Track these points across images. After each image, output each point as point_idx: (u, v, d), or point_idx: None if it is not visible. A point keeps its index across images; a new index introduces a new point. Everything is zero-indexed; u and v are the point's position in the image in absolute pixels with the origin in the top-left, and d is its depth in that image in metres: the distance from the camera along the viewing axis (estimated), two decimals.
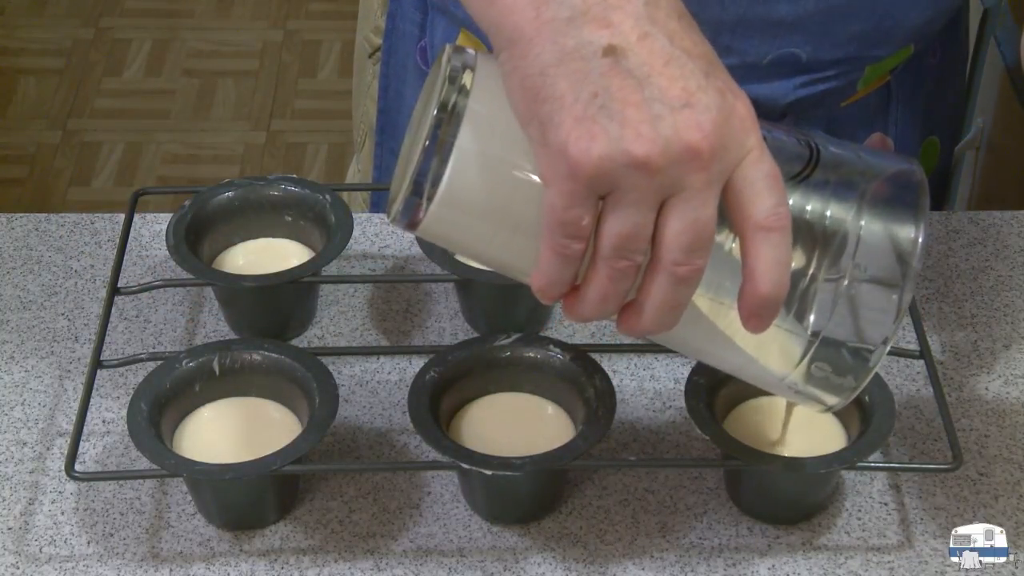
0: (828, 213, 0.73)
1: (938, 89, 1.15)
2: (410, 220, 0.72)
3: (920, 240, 0.73)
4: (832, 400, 0.77)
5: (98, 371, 0.91)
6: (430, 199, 0.71)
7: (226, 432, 0.89)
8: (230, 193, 1.00)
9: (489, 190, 0.71)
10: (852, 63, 1.05)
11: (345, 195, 1.12)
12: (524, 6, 0.69)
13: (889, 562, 0.86)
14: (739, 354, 0.76)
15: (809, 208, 0.73)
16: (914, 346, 0.94)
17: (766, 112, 1.05)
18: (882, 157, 0.78)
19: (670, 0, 0.69)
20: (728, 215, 0.70)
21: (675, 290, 0.70)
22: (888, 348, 0.74)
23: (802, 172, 0.74)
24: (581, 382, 0.89)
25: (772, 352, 0.75)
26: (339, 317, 1.01)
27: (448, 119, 0.70)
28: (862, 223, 0.73)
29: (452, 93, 0.70)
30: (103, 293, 1.01)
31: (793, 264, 0.71)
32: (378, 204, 1.21)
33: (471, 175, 0.71)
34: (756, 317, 0.71)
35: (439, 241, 0.78)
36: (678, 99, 0.67)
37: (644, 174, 0.67)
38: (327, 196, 1.00)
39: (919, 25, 1.05)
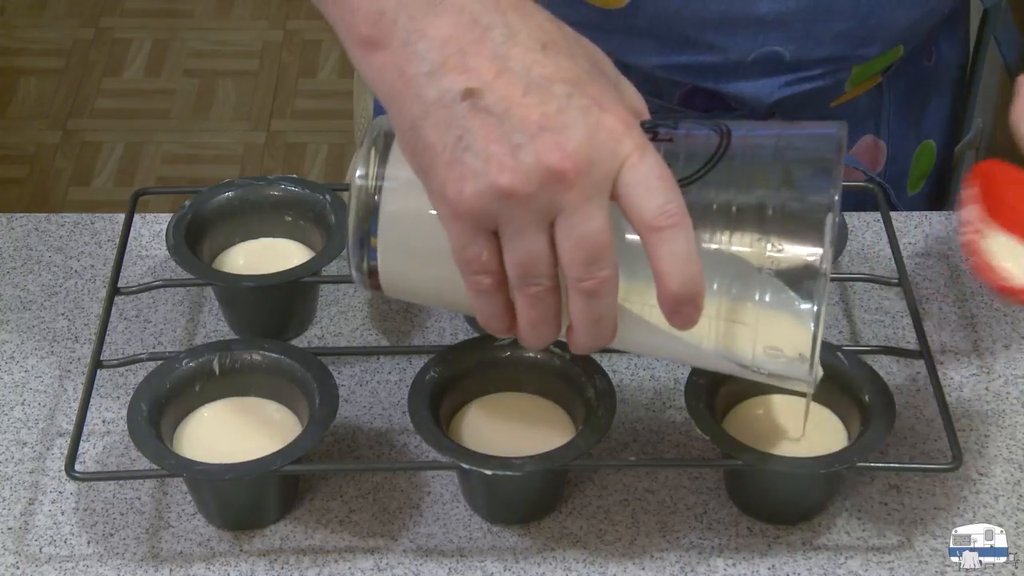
0: (736, 197, 0.74)
1: (934, 92, 1.15)
2: (372, 288, 0.80)
3: (832, 210, 0.73)
4: (802, 375, 0.77)
5: (98, 371, 0.91)
6: (376, 274, 0.79)
7: (226, 432, 0.89)
8: (230, 193, 1.00)
9: (420, 248, 0.76)
10: (838, 63, 1.05)
11: (345, 195, 1.12)
12: (391, 67, 0.72)
13: (889, 562, 0.86)
14: (702, 352, 0.77)
15: (717, 194, 0.74)
16: (914, 346, 0.94)
17: (752, 111, 1.05)
18: (803, 129, 0.79)
19: (534, 31, 0.72)
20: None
21: (591, 304, 0.72)
22: (822, 317, 0.74)
23: (710, 161, 0.75)
24: (581, 382, 0.89)
25: (730, 343, 0.76)
26: (339, 317, 1.01)
27: (372, 191, 0.78)
28: (773, 203, 0.74)
29: (372, 166, 0.78)
30: (103, 293, 1.01)
31: (718, 249, 0.73)
32: None
33: (400, 242, 0.78)
34: (677, 315, 0.72)
35: (410, 299, 0.86)
36: (537, 125, 0.70)
37: (516, 203, 0.70)
38: (327, 196, 1.00)
39: (906, 26, 1.05)
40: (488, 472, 0.83)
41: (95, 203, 2.50)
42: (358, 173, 0.78)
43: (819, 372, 0.81)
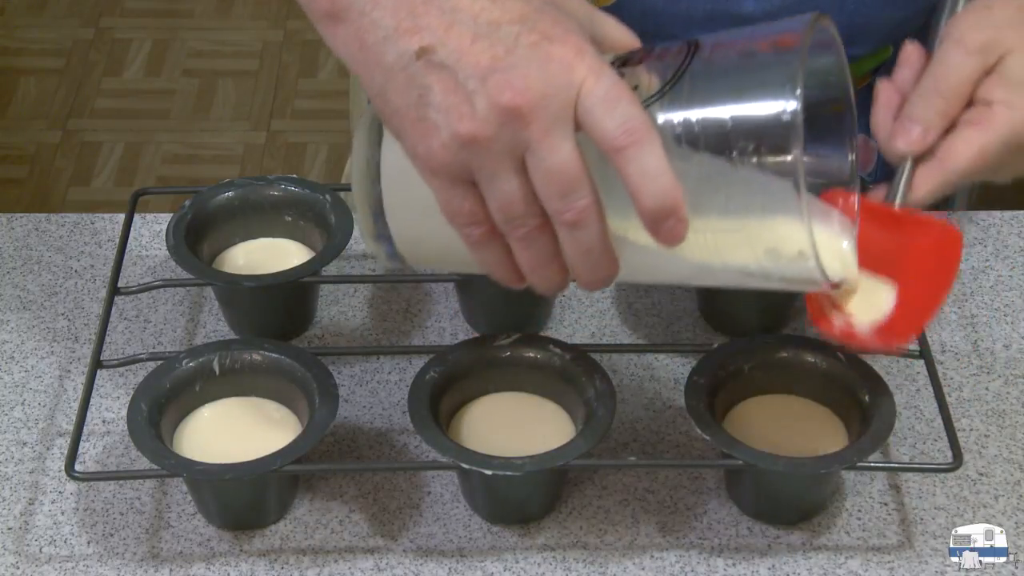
0: (705, 107, 0.73)
1: None
2: (394, 260, 0.82)
3: (797, 95, 0.72)
4: (813, 269, 0.75)
5: (98, 371, 0.91)
6: (393, 245, 0.81)
7: (226, 432, 0.89)
8: (230, 193, 1.00)
9: (424, 211, 0.76)
10: None
11: (344, 195, 1.12)
12: (352, 39, 0.74)
13: (889, 562, 0.86)
14: (710, 269, 0.76)
15: (686, 107, 0.73)
16: (914, 346, 0.94)
17: None
18: (773, 25, 0.77)
19: None
20: None
21: (577, 236, 0.73)
22: (806, 203, 0.73)
23: (675, 75, 0.74)
24: (581, 382, 0.89)
25: (731, 255, 0.75)
26: (339, 317, 1.01)
27: (374, 164, 0.79)
28: (741, 104, 0.73)
29: (370, 141, 0.79)
30: (103, 293, 1.01)
31: (694, 161, 0.72)
32: None
33: (406, 213, 0.79)
34: (660, 231, 0.72)
35: (434, 265, 0.89)
36: (487, 68, 0.70)
37: (481, 148, 0.71)
38: (327, 196, 1.00)
39: (894, 25, 1.04)
40: (488, 472, 0.83)
41: (95, 203, 2.50)
42: (358, 149, 0.80)
43: (847, 271, 0.79)
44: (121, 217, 1.04)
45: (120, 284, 0.97)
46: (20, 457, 0.92)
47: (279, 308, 0.98)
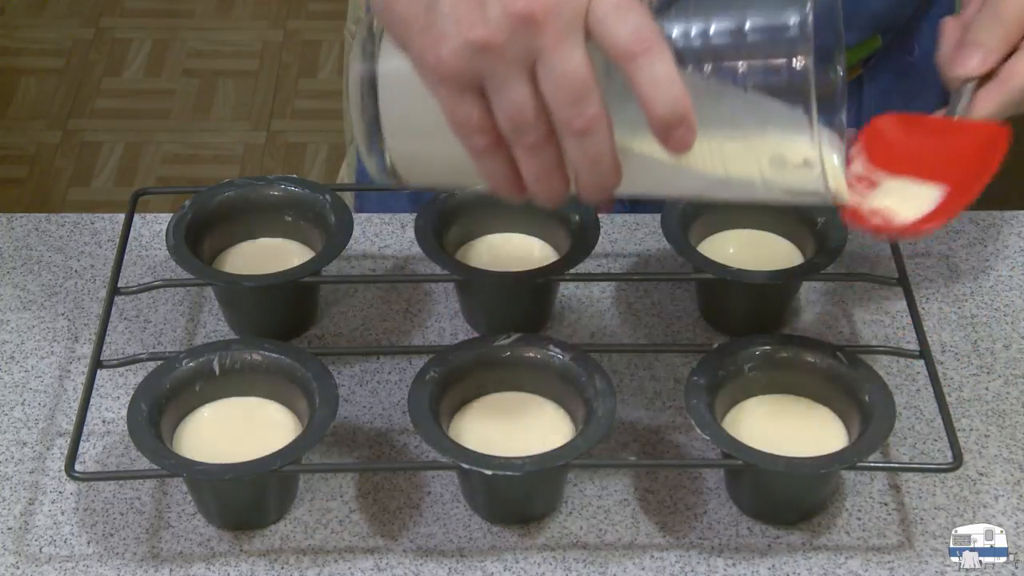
0: (712, 20, 0.73)
1: (918, 87, 1.14)
2: (391, 177, 0.81)
3: (805, 20, 0.72)
4: (816, 178, 0.76)
5: (98, 371, 0.91)
6: (393, 170, 0.80)
7: (226, 432, 0.89)
8: (230, 193, 1.00)
9: (423, 124, 0.76)
10: None
11: (344, 195, 1.12)
12: None
13: (889, 562, 0.86)
14: (715, 181, 0.76)
15: (693, 19, 0.74)
16: (914, 346, 0.94)
17: None
18: None
19: None
20: None
21: (584, 145, 0.72)
22: (814, 111, 0.73)
23: None
24: (581, 382, 0.89)
25: (736, 166, 0.75)
26: (339, 317, 1.01)
27: (369, 81, 0.79)
28: (749, 18, 0.73)
29: (365, 57, 0.79)
30: (103, 293, 1.01)
31: (703, 74, 0.73)
32: (363, 203, 1.20)
33: (403, 126, 0.79)
34: (670, 139, 0.72)
35: (430, 181, 0.87)
36: None
37: (492, 54, 0.71)
38: (327, 196, 1.00)
39: (881, 13, 1.04)
40: (488, 472, 0.83)
41: (95, 203, 2.50)
42: (354, 63, 0.79)
43: (837, 185, 0.80)
44: (121, 217, 1.04)
45: (120, 284, 0.97)
46: (20, 457, 0.92)
47: (279, 308, 0.98)
